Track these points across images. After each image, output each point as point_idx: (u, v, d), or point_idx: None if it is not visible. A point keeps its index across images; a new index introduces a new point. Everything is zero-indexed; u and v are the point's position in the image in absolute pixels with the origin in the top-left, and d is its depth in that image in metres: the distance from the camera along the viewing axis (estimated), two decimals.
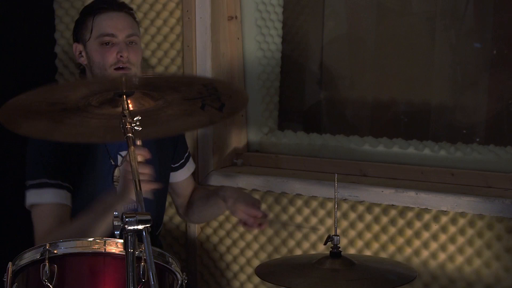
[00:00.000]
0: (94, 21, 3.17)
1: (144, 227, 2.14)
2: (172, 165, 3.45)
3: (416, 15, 3.84)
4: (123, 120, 2.29)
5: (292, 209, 3.64)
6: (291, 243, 3.66)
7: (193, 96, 2.38)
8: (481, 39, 3.66)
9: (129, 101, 2.31)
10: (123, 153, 3.20)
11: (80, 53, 3.20)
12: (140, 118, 2.31)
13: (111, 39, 3.12)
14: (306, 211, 3.60)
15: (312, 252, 3.56)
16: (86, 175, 3.15)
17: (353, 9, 3.98)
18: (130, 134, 2.28)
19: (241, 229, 3.76)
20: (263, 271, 2.82)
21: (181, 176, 3.50)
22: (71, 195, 3.13)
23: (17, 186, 3.17)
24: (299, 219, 3.62)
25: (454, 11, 3.73)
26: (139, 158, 2.56)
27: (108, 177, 3.21)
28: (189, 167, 3.54)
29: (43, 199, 3.08)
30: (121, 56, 3.10)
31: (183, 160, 3.48)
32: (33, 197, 3.09)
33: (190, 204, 3.54)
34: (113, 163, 3.21)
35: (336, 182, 2.84)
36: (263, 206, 3.67)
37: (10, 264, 2.45)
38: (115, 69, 3.08)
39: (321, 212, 3.57)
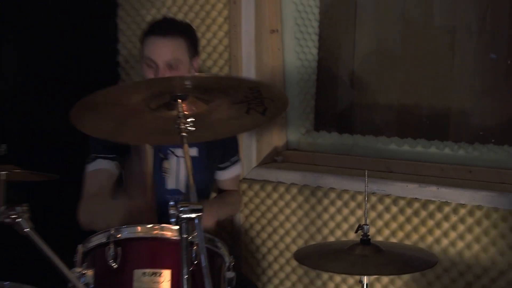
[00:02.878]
0: (144, 42, 3.17)
1: (197, 215, 2.18)
2: (219, 165, 3.46)
3: (438, 28, 3.82)
4: (178, 121, 2.30)
5: (326, 201, 3.64)
6: (325, 231, 3.67)
7: (239, 100, 2.37)
8: (496, 50, 3.64)
9: (183, 105, 2.32)
10: (173, 149, 3.26)
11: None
12: (193, 119, 2.32)
13: (152, 63, 3.09)
14: (339, 203, 3.61)
15: (344, 239, 3.56)
16: (135, 167, 3.18)
17: (381, 23, 3.98)
18: (184, 134, 2.30)
19: (281, 218, 3.81)
20: (300, 256, 2.82)
21: (223, 176, 3.52)
22: (119, 167, 3.24)
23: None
24: (332, 210, 3.62)
25: (472, 25, 3.71)
26: None
27: (157, 167, 3.24)
28: (232, 171, 3.53)
29: (92, 168, 3.20)
30: None
31: (229, 164, 3.49)
32: (87, 169, 3.20)
33: None
34: (162, 156, 3.24)
35: (366, 177, 2.84)
36: (300, 199, 3.71)
37: (79, 246, 2.50)
38: None
39: (352, 204, 3.57)
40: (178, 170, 3.28)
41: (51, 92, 3.83)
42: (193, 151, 3.24)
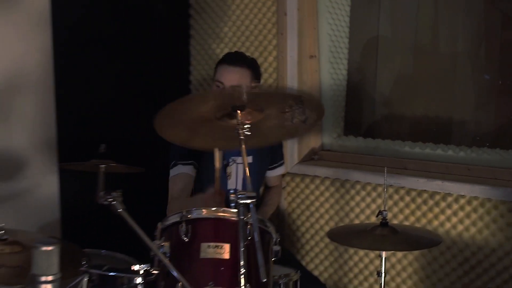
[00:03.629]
0: (217, 68, 3.19)
1: (251, 201, 2.20)
2: (269, 166, 3.51)
3: (443, 54, 3.80)
4: (238, 128, 2.32)
5: (353, 192, 3.64)
6: (352, 215, 3.66)
7: (286, 109, 2.38)
8: (490, 72, 3.61)
9: (241, 114, 2.33)
10: (234, 157, 3.29)
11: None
12: (249, 126, 2.33)
13: (221, 85, 3.12)
14: (363, 193, 3.60)
15: (367, 222, 3.56)
16: (207, 167, 3.19)
17: (398, 49, 3.96)
18: (242, 137, 2.32)
19: (317, 204, 3.79)
20: (332, 234, 2.83)
21: (270, 174, 3.56)
22: (195, 169, 3.25)
23: (163, 172, 3.27)
24: (357, 198, 3.61)
25: (470, 51, 3.69)
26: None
27: (222, 171, 3.21)
28: (277, 171, 3.58)
29: (174, 172, 3.22)
30: None
31: (276, 165, 3.55)
32: (171, 173, 3.23)
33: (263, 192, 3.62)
34: (225, 163, 3.27)
35: (385, 173, 2.84)
36: (332, 189, 3.70)
37: (159, 224, 2.52)
38: None
39: (374, 194, 3.56)
40: (237, 174, 3.30)
41: (139, 103, 3.88)
42: (249, 159, 3.24)
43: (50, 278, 1.83)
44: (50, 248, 1.82)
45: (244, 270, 2.19)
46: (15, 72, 3.44)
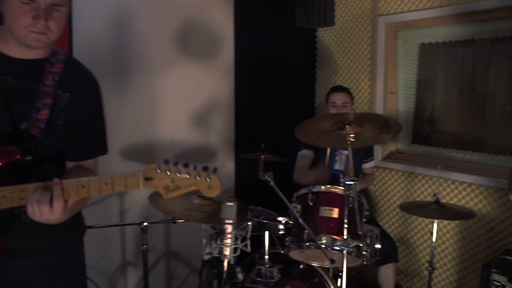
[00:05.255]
0: (329, 95, 3.29)
1: (353, 182, 2.23)
2: (363, 160, 3.52)
3: (478, 92, 3.66)
4: (346, 136, 2.34)
5: (416, 180, 3.61)
6: (415, 195, 3.62)
7: (377, 126, 2.39)
8: (510, 105, 3.46)
9: (349, 128, 2.33)
10: (340, 151, 3.32)
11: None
12: (353, 136, 2.36)
13: (334, 104, 3.23)
14: (423, 181, 3.57)
15: (425, 200, 3.50)
16: (322, 156, 3.24)
17: (447, 89, 3.85)
18: (349, 142, 2.34)
19: (392, 187, 3.78)
20: (402, 206, 2.85)
21: (365, 166, 3.56)
22: (314, 154, 3.31)
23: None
24: (419, 184, 3.58)
25: (497, 91, 3.53)
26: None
27: (332, 159, 3.30)
28: (370, 164, 3.56)
29: (301, 153, 3.32)
30: None
31: (369, 160, 3.55)
32: (298, 154, 3.33)
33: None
34: (335, 154, 3.31)
35: (439, 169, 2.84)
36: (403, 178, 3.66)
37: (295, 194, 2.57)
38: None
39: (430, 182, 3.52)
40: (341, 161, 3.34)
41: (285, 118, 3.85)
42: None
43: (230, 221, 1.95)
44: (231, 203, 1.94)
45: (347, 226, 2.25)
46: (213, 100, 3.65)
